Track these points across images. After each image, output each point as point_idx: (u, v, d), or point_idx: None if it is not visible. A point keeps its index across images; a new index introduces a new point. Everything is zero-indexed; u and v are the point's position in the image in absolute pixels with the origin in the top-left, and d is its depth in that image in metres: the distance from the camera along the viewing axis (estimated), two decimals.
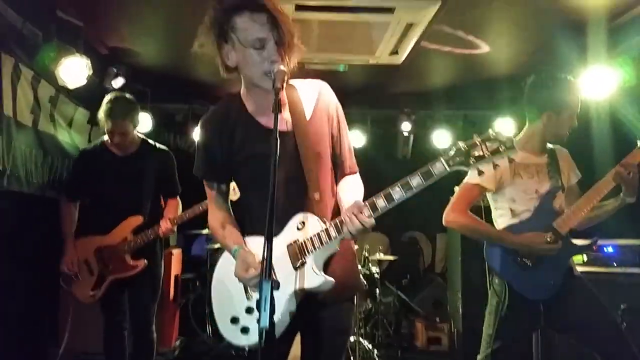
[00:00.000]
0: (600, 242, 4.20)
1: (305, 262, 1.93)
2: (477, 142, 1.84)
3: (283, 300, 1.92)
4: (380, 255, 5.72)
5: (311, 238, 1.93)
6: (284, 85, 1.81)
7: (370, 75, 5.11)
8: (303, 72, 2.09)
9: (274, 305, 1.55)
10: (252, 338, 2.01)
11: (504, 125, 5.41)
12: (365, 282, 5.35)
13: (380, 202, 1.87)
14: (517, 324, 2.78)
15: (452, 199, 2.96)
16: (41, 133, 4.35)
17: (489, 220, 3.05)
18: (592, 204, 2.77)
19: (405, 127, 6.04)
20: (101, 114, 3.63)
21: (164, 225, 3.71)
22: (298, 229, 1.97)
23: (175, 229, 3.86)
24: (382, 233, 7.01)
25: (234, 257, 2.02)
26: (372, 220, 1.85)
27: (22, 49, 3.87)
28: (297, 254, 1.94)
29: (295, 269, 1.94)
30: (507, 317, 2.76)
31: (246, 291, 2.06)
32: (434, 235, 7.17)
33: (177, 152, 4.43)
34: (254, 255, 1.96)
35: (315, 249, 1.93)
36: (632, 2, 3.61)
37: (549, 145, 3.01)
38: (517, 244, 2.78)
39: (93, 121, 5.01)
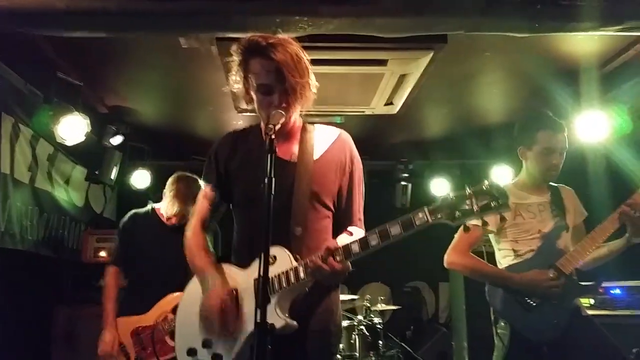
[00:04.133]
0: (606, 284, 4.14)
1: (269, 301, 1.76)
2: (467, 194, 1.67)
3: (241, 340, 1.86)
4: (382, 306, 5.60)
5: (279, 275, 1.84)
6: (277, 127, 1.79)
7: (367, 126, 5.17)
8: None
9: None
10: None
11: (501, 173, 5.44)
12: (367, 333, 5.23)
13: (355, 248, 1.78)
14: None
15: (453, 241, 2.92)
16: (38, 190, 4.36)
17: (493, 264, 3.00)
18: (596, 243, 2.73)
19: (403, 176, 6.07)
20: (175, 187, 3.51)
21: None
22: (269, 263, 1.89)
23: None
24: (383, 283, 6.90)
25: (206, 290, 1.95)
26: (342, 266, 1.76)
27: (22, 109, 3.95)
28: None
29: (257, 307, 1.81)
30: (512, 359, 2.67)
31: None
32: (436, 285, 7.05)
33: None
34: (220, 300, 1.89)
35: (280, 288, 1.84)
36: (622, 48, 3.69)
37: (552, 184, 3.00)
38: (519, 283, 2.71)
39: (91, 179, 5.02)
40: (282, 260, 1.87)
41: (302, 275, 1.82)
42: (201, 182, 2.23)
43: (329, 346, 2.03)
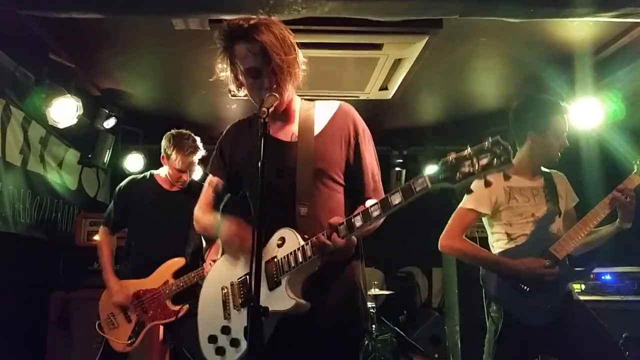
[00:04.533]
0: (597, 270, 4.18)
1: (280, 283, 1.81)
2: (467, 155, 1.58)
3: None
4: (376, 291, 5.65)
5: (287, 256, 1.84)
6: (270, 110, 1.78)
7: (361, 112, 5.13)
8: None
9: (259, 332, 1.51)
10: (227, 359, 1.93)
11: None
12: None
13: (358, 221, 1.75)
14: (515, 350, 2.71)
15: (447, 225, 2.93)
16: (30, 173, 4.34)
17: (486, 248, 3.01)
18: (588, 228, 2.75)
19: (398, 162, 6.08)
20: (168, 147, 3.52)
21: (208, 267, 3.38)
22: (278, 245, 1.88)
23: None
24: (377, 268, 6.94)
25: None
26: (345, 241, 1.75)
27: (13, 91, 3.90)
28: (274, 272, 1.86)
29: (270, 289, 1.84)
30: (505, 344, 2.69)
31: (225, 309, 2.00)
32: (430, 270, 7.10)
33: None
34: (236, 227, 1.96)
35: (290, 268, 1.83)
36: (616, 35, 3.68)
37: (545, 170, 3.01)
38: (514, 269, 2.72)
39: (84, 162, 5.00)
40: (290, 241, 1.87)
41: (309, 253, 1.80)
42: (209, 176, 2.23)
43: (355, 322, 1.97)
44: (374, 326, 5.40)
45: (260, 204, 1.63)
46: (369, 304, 5.39)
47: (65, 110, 3.87)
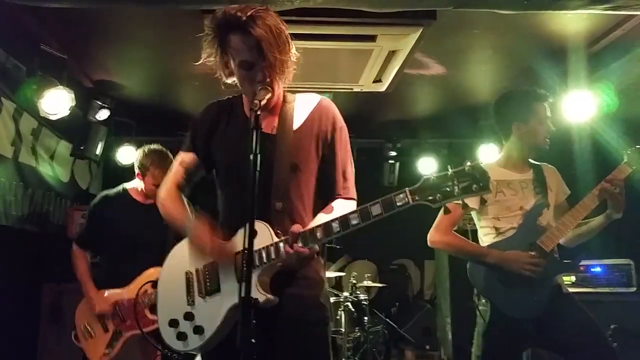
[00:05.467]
0: (587, 262, 4.22)
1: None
2: (449, 176, 1.67)
3: (222, 313, 1.87)
4: (368, 283, 5.67)
5: (259, 251, 1.84)
6: (262, 102, 1.77)
7: (355, 104, 5.15)
8: None
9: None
10: (190, 345, 1.93)
11: (488, 152, 5.45)
12: (353, 310, 5.29)
13: (336, 227, 1.77)
14: (503, 343, 2.71)
15: (436, 220, 2.93)
16: (22, 165, 4.31)
17: (476, 242, 3.02)
18: (577, 220, 2.77)
19: (391, 155, 6.10)
20: (146, 163, 3.50)
21: None
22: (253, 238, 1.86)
23: None
24: (370, 260, 6.96)
25: (188, 229, 1.98)
26: (305, 250, 1.78)
27: (4, 82, 3.87)
28: (244, 265, 1.83)
29: (239, 281, 1.77)
30: (493, 337, 2.71)
31: (188, 294, 1.99)
32: (422, 262, 7.12)
33: None
34: (205, 228, 1.92)
35: (261, 263, 1.84)
36: (609, 28, 3.69)
37: (534, 162, 3.01)
38: (500, 261, 2.72)
39: (76, 154, 4.97)
40: (263, 235, 1.85)
41: (282, 250, 1.82)
42: (181, 152, 2.19)
43: (321, 315, 2.00)
44: (366, 318, 5.42)
45: (251, 198, 1.62)
46: (362, 296, 5.43)
47: (57, 102, 3.85)
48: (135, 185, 3.61)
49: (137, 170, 3.56)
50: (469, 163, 1.66)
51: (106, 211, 3.55)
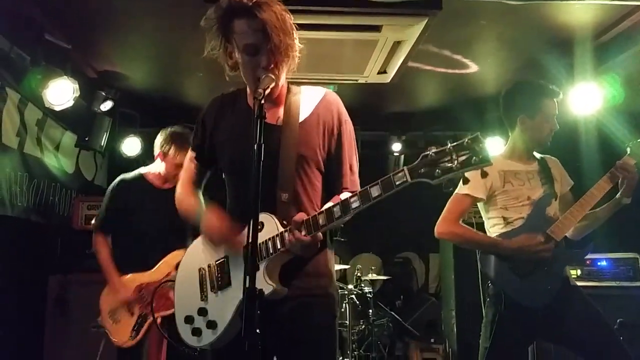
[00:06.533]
0: (593, 255, 4.20)
1: (258, 268, 1.73)
2: (447, 150, 1.63)
3: (234, 306, 1.88)
4: (373, 276, 5.67)
5: (266, 241, 1.85)
6: (267, 91, 1.77)
7: (360, 96, 5.13)
8: None
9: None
10: (203, 341, 1.95)
11: (494, 145, 5.43)
12: (358, 302, 5.29)
13: (337, 211, 1.77)
14: (513, 334, 2.71)
15: (443, 211, 2.93)
16: (27, 156, 4.31)
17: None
18: (585, 210, 2.76)
19: (396, 147, 6.07)
20: (168, 144, 3.50)
21: None
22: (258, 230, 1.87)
23: None
24: (374, 254, 6.96)
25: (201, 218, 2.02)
26: (309, 238, 1.77)
27: (9, 73, 3.87)
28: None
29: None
30: (503, 327, 2.69)
31: (202, 290, 2.01)
32: (427, 256, 7.13)
33: None
34: (219, 219, 1.95)
35: (268, 254, 1.84)
36: (616, 19, 3.65)
37: (538, 155, 3.01)
38: (510, 249, 2.72)
39: (81, 145, 4.98)
40: (270, 226, 1.87)
41: (286, 240, 1.82)
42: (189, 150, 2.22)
43: (329, 308, 2.01)
44: (370, 311, 5.43)
45: (255, 188, 1.61)
46: (366, 289, 5.43)
47: (61, 93, 3.84)
48: (153, 169, 3.60)
49: (157, 152, 3.56)
50: (468, 136, 1.62)
51: (125, 195, 3.54)
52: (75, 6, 3.39)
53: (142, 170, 3.64)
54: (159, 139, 3.57)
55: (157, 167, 3.58)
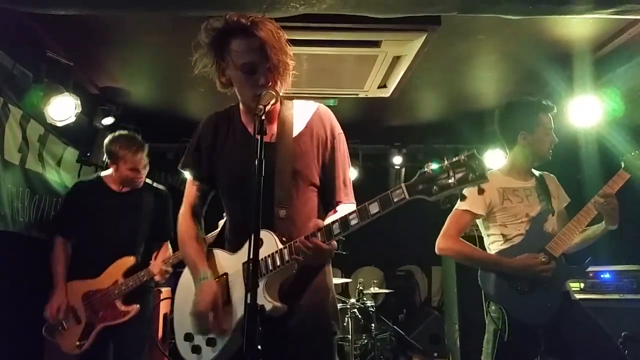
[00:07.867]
0: (596, 268, 4.18)
1: (257, 285, 1.71)
2: (444, 168, 1.65)
3: (233, 323, 1.89)
4: (375, 289, 5.64)
5: (265, 258, 1.85)
6: (267, 107, 1.78)
7: (360, 110, 5.15)
8: None
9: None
10: (203, 358, 1.95)
11: (494, 158, 5.43)
12: (360, 316, 5.26)
13: (336, 228, 1.78)
14: (516, 351, 2.70)
15: (444, 227, 2.94)
16: (29, 172, 4.31)
17: (484, 248, 3.01)
18: (582, 225, 2.79)
19: (397, 160, 6.08)
20: (115, 149, 3.50)
21: (159, 267, 3.44)
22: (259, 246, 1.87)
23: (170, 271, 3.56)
24: (377, 267, 6.94)
25: (198, 281, 1.98)
26: (327, 245, 1.78)
27: (11, 89, 3.89)
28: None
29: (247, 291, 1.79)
30: (505, 344, 2.69)
31: None
32: (429, 269, 7.11)
33: (170, 190, 4.39)
34: (213, 294, 1.92)
35: (267, 271, 1.85)
36: (615, 33, 3.68)
37: (536, 172, 3.04)
38: (511, 268, 2.74)
39: (82, 160, 4.98)
40: (269, 243, 1.87)
41: (286, 257, 1.83)
42: (187, 173, 2.21)
43: (328, 324, 2.01)
44: (373, 325, 5.40)
45: (256, 205, 1.61)
46: (369, 303, 5.40)
47: (63, 109, 3.88)
48: (111, 173, 3.61)
49: (106, 159, 3.58)
50: (465, 153, 1.64)
51: (80, 198, 3.57)
52: (77, 23, 3.42)
53: (102, 173, 3.67)
54: (105, 146, 3.59)
55: (112, 171, 3.60)
